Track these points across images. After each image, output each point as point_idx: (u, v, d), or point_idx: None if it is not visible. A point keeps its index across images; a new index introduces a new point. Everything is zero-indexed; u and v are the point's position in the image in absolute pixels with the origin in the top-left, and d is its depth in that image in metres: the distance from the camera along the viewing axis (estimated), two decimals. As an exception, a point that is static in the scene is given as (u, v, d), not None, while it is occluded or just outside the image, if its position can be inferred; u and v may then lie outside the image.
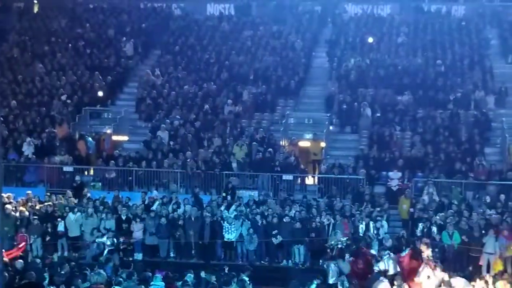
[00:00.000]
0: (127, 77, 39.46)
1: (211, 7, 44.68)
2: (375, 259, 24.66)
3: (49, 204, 28.67)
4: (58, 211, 28.52)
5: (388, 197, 29.73)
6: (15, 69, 39.23)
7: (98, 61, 39.53)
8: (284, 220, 27.58)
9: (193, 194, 29.66)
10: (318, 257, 26.80)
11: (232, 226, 27.62)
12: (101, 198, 29.35)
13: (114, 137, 34.45)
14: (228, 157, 31.69)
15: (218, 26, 42.32)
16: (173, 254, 28.34)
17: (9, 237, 26.82)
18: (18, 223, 27.99)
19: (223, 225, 27.69)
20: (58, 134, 33.59)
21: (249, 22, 42.65)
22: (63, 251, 28.28)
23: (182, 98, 36.17)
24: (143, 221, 28.00)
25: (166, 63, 39.37)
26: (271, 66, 38.12)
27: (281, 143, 33.45)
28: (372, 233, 26.69)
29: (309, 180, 32.15)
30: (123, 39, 41.07)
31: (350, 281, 23.87)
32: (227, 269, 23.86)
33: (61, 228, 28.20)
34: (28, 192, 29.66)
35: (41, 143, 32.80)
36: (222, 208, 28.37)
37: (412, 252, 24.55)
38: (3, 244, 22.53)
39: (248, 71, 37.89)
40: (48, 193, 29.80)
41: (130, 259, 26.91)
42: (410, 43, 39.88)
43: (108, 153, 32.86)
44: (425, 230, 26.70)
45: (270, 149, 31.95)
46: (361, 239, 26.25)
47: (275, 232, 27.40)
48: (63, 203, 28.95)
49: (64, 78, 37.80)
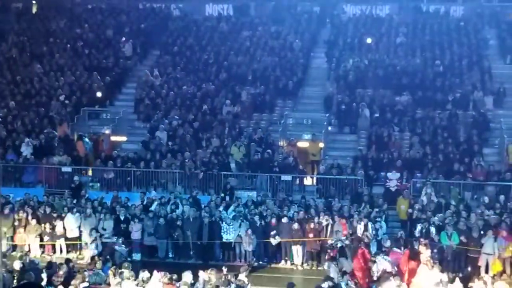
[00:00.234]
0: (126, 78, 39.46)
1: (210, 8, 44.67)
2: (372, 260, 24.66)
3: (48, 205, 28.65)
4: (57, 212, 28.51)
5: (387, 198, 29.68)
6: (14, 70, 39.20)
7: (97, 62, 39.51)
8: (283, 221, 27.58)
9: (191, 196, 29.63)
10: (317, 258, 26.71)
11: (231, 227, 27.62)
12: (100, 199, 29.35)
13: (113, 138, 34.45)
14: (227, 158, 31.67)
15: (217, 27, 42.30)
16: (172, 255, 28.32)
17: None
18: (16, 224, 27.99)
19: (222, 226, 27.69)
20: (59, 134, 33.54)
21: (248, 23, 42.64)
22: (62, 252, 28.27)
23: (181, 99, 36.17)
24: (142, 222, 28.00)
25: (165, 64, 39.34)
26: (270, 67, 38.10)
27: (280, 144, 33.45)
28: (371, 234, 26.66)
29: (308, 181, 32.12)
30: (122, 40, 41.07)
31: (351, 280, 23.86)
32: (226, 270, 23.85)
33: (60, 229, 28.19)
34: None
35: (40, 144, 32.78)
36: (221, 209, 28.36)
37: (410, 253, 24.55)
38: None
39: (247, 72, 37.88)
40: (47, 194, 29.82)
41: (129, 259, 26.89)
42: (409, 44, 39.85)
43: (107, 154, 32.83)
44: (424, 231, 26.63)
45: (269, 150, 31.94)
46: (360, 239, 26.22)
47: (274, 233, 27.41)
48: (62, 203, 28.95)
49: (63, 79, 37.77)
